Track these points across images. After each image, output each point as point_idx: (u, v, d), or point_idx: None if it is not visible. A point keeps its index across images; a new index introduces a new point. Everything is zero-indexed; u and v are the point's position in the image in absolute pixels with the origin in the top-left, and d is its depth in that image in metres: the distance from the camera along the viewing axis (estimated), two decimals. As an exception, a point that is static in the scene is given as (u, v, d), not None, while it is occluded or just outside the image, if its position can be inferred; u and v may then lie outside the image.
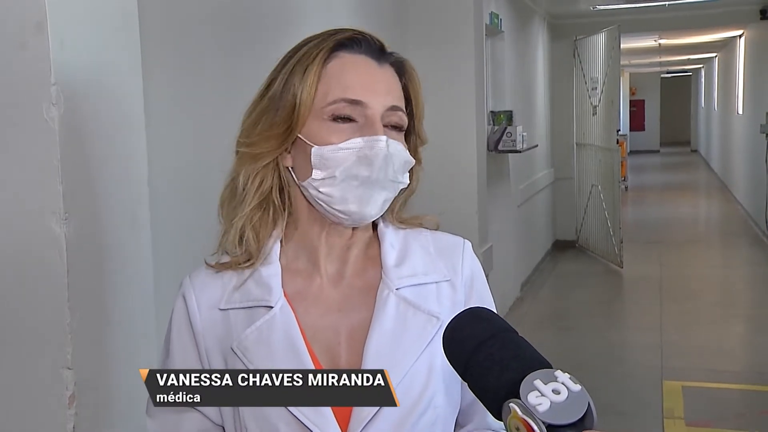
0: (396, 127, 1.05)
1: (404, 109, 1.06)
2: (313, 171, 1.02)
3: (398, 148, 1.03)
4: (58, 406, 1.41)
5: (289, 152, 1.05)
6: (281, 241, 1.09)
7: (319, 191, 1.02)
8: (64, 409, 1.41)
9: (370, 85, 1.02)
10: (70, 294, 1.40)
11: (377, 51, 1.06)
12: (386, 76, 1.05)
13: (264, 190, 1.05)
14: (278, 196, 1.07)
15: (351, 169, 1.00)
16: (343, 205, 1.02)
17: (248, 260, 1.06)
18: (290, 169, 1.06)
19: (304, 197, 1.06)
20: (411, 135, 1.10)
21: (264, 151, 1.03)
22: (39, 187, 1.39)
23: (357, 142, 1.00)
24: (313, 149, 1.01)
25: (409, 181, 1.08)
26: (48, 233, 1.38)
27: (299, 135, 1.02)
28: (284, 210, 1.08)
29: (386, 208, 1.07)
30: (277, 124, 1.03)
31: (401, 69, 1.09)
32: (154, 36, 1.87)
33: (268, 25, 2.53)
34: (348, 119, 1.01)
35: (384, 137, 1.00)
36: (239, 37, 2.36)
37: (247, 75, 1.10)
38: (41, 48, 1.36)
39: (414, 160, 1.08)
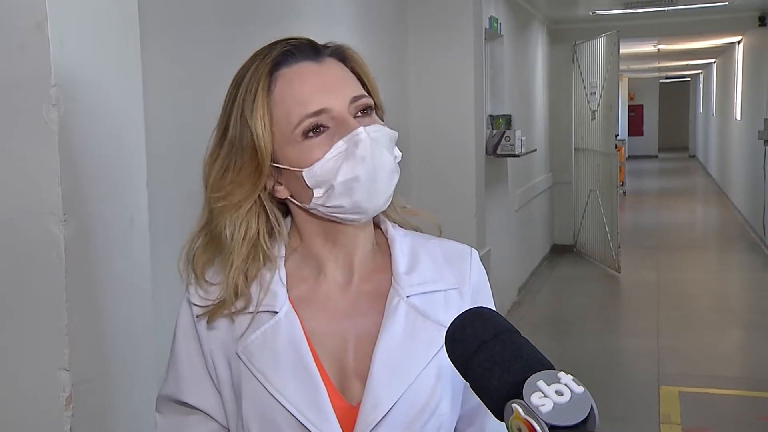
0: (365, 112, 1.03)
1: (364, 92, 1.05)
2: (314, 191, 1.01)
3: (378, 129, 1.02)
4: (54, 408, 1.41)
5: (281, 184, 1.04)
6: (286, 248, 1.08)
7: (328, 206, 1.02)
8: (61, 410, 1.40)
9: (322, 87, 1.01)
10: (68, 295, 1.39)
11: (311, 52, 1.04)
12: (332, 70, 1.03)
13: (251, 236, 1.04)
14: (266, 239, 1.05)
15: (347, 173, 0.99)
16: (357, 207, 1.01)
17: (244, 307, 1.04)
18: (290, 198, 1.05)
19: (308, 215, 1.06)
20: (376, 110, 1.08)
21: (243, 197, 1.02)
22: (38, 188, 1.38)
23: (339, 145, 0.99)
24: (303, 173, 1.00)
25: (400, 153, 1.06)
26: (47, 234, 1.38)
27: (282, 165, 1.02)
28: (269, 248, 1.05)
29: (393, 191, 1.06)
30: (246, 165, 1.01)
31: (342, 56, 1.06)
32: (155, 35, 1.87)
33: (270, 23, 2.53)
34: (320, 130, 1.00)
35: (361, 128, 0.99)
36: (241, 34, 2.36)
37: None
38: (41, 49, 1.36)
39: (396, 133, 1.06)
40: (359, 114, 1.02)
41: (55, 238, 1.38)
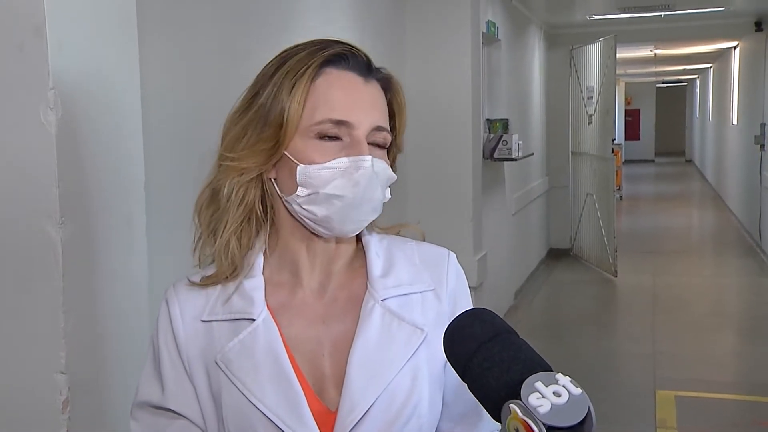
0: (380, 146, 1.05)
1: (388, 128, 1.06)
2: (298, 188, 1.02)
3: (382, 167, 1.03)
4: (51, 411, 1.41)
5: (274, 165, 1.05)
6: (265, 253, 1.09)
7: (303, 208, 1.02)
8: (58, 413, 1.40)
9: (356, 103, 1.02)
10: (65, 298, 1.39)
11: (364, 67, 1.05)
12: (372, 93, 1.05)
13: (248, 202, 1.05)
14: (260, 207, 1.07)
15: (336, 188, 1.00)
16: (326, 222, 1.02)
17: (233, 271, 1.06)
18: (273, 180, 1.06)
19: (287, 209, 1.06)
20: (391, 148, 1.10)
21: (250, 166, 1.03)
22: (35, 190, 1.39)
23: (343, 161, 1.00)
24: (298, 168, 1.01)
25: (390, 195, 1.08)
26: (44, 237, 1.38)
27: (285, 152, 1.02)
28: (266, 221, 1.08)
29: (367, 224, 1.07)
30: (264, 140, 1.02)
31: (387, 85, 1.08)
32: (153, 38, 1.87)
33: (268, 21, 2.53)
34: (334, 138, 1.01)
35: (369, 157, 1.00)
36: (239, 36, 2.36)
37: (248, 76, 1.10)
38: (39, 52, 1.36)
39: (395, 176, 1.08)
40: (374, 145, 1.03)
41: (52, 240, 1.38)
